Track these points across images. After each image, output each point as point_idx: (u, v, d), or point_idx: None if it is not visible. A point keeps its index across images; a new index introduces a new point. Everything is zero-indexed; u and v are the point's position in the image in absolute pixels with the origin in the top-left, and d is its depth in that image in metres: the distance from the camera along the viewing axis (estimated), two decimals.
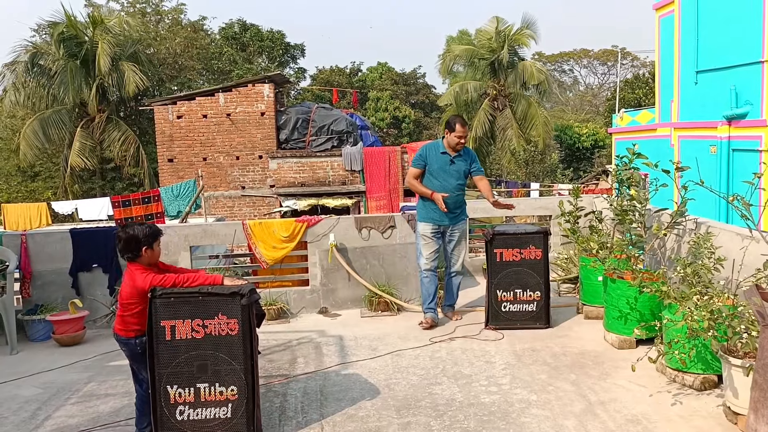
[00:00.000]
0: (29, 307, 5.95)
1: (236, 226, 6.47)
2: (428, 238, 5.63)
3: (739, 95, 11.71)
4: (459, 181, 5.62)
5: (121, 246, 3.49)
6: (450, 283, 5.87)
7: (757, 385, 2.90)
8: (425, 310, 5.71)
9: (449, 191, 5.50)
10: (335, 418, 3.83)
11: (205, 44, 30.68)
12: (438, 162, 5.59)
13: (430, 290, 5.68)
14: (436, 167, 5.58)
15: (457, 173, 5.60)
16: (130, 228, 3.51)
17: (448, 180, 5.56)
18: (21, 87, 20.33)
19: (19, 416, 4.07)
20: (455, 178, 5.59)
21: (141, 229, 3.50)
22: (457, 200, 5.61)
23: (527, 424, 3.66)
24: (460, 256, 5.76)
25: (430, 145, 5.78)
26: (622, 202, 5.49)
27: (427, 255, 5.64)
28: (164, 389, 3.46)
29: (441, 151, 5.61)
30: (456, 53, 26.60)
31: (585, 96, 45.52)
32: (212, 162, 16.97)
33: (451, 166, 5.57)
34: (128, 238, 3.47)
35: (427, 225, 5.64)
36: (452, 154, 5.59)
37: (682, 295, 4.03)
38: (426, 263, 5.65)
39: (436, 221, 5.60)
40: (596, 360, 4.62)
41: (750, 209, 3.79)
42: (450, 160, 5.57)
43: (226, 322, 3.45)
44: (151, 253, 3.52)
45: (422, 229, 5.66)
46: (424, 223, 5.66)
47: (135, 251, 3.48)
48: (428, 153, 5.67)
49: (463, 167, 5.63)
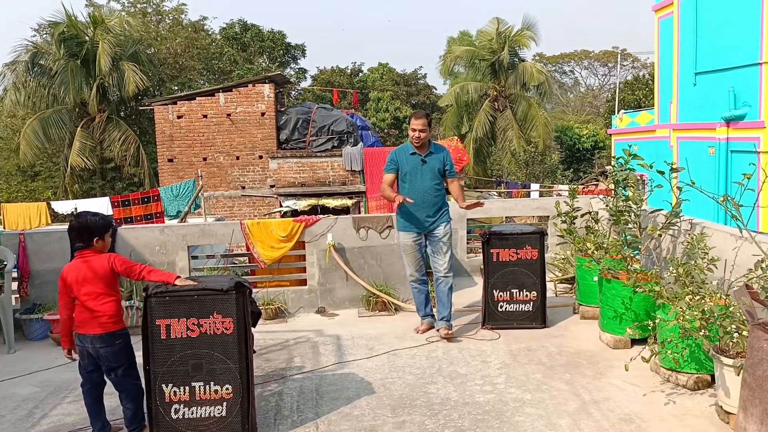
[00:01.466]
0: (27, 306, 5.97)
1: (234, 226, 6.49)
2: (410, 247, 5.37)
3: (738, 97, 11.74)
4: (435, 182, 5.30)
5: (74, 234, 3.55)
6: (439, 292, 5.42)
7: (747, 384, 2.92)
8: (421, 316, 5.60)
9: (426, 192, 5.24)
10: (330, 416, 3.85)
11: (205, 44, 30.75)
12: (410, 164, 5.30)
13: (421, 299, 5.55)
14: (408, 169, 5.30)
15: (431, 173, 5.29)
16: (83, 217, 3.57)
17: (423, 182, 5.27)
18: (21, 87, 20.39)
19: (16, 414, 4.10)
20: (430, 178, 5.28)
21: (93, 220, 3.57)
22: (436, 202, 5.30)
23: (521, 422, 3.68)
24: (445, 259, 5.35)
25: (399, 148, 5.51)
26: (617, 203, 5.52)
27: (413, 265, 5.42)
28: (159, 388, 3.48)
29: (411, 152, 5.33)
30: (457, 54, 26.67)
31: (585, 97, 45.54)
32: (212, 162, 17.01)
33: (424, 165, 5.28)
34: (80, 227, 3.54)
35: (407, 234, 5.37)
36: (422, 152, 5.30)
37: (675, 295, 4.05)
38: (413, 274, 5.45)
39: (416, 229, 5.33)
40: (591, 360, 4.64)
41: (740, 210, 3.81)
42: (421, 160, 5.28)
43: (222, 321, 3.47)
44: (102, 244, 3.60)
45: (403, 239, 5.40)
46: (404, 233, 5.39)
47: (87, 241, 3.55)
48: (399, 156, 5.38)
49: (437, 165, 5.31)
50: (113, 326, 3.51)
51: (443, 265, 5.34)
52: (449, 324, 5.35)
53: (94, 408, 3.62)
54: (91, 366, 3.57)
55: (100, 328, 3.48)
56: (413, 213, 5.26)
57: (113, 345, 3.51)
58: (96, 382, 3.61)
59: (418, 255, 5.39)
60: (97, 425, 3.62)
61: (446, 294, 5.40)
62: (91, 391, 3.61)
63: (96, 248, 3.57)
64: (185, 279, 3.53)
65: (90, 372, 3.58)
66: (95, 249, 3.57)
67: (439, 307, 5.42)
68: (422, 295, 5.53)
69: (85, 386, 3.62)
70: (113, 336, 3.51)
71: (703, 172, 11.47)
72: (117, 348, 3.52)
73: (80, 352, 3.58)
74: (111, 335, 3.50)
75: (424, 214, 5.26)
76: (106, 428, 3.64)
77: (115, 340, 3.52)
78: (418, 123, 5.22)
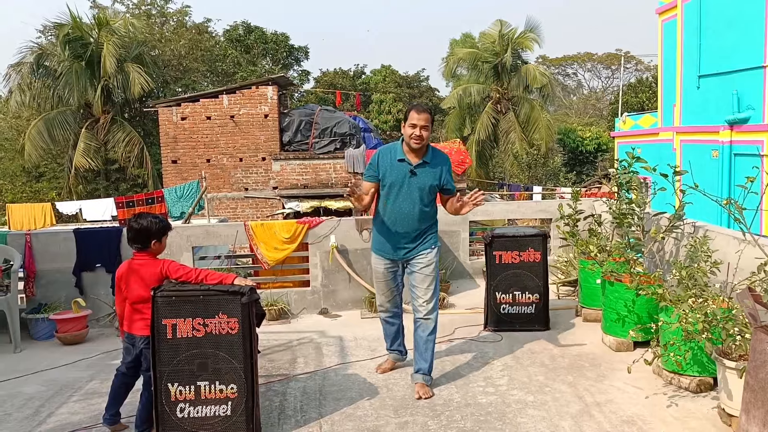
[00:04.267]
0: (33, 306, 6.01)
1: (238, 227, 6.52)
2: (381, 275, 4.22)
3: (741, 100, 11.75)
4: (424, 202, 4.04)
5: (132, 236, 3.67)
6: (417, 338, 4.17)
7: (749, 387, 2.94)
8: (387, 349, 4.62)
9: (408, 216, 4.02)
10: (333, 417, 3.87)
11: (209, 46, 30.81)
12: (394, 173, 4.02)
13: (390, 332, 4.48)
14: (392, 181, 4.01)
15: (421, 191, 4.01)
16: (144, 219, 3.69)
17: (408, 202, 4.00)
18: (26, 88, 20.50)
19: (23, 413, 4.13)
20: (418, 197, 4.01)
21: (153, 222, 3.69)
22: (419, 227, 4.08)
23: (523, 424, 3.70)
24: (427, 296, 4.09)
25: (384, 149, 4.18)
26: (620, 206, 5.54)
27: (384, 295, 4.29)
28: (165, 387, 3.51)
29: (398, 158, 4.04)
30: (459, 56, 26.71)
31: (588, 100, 45.53)
32: (216, 163, 17.05)
33: (413, 179, 4.00)
34: (140, 229, 3.65)
35: (379, 260, 4.21)
36: (413, 160, 4.02)
37: (678, 298, 4.07)
38: (383, 304, 4.34)
39: (388, 255, 4.16)
40: (593, 362, 4.66)
41: (743, 213, 3.82)
42: (411, 171, 4.00)
43: (227, 321, 3.50)
44: (159, 246, 3.72)
45: (375, 263, 4.26)
46: (376, 256, 4.23)
47: (144, 243, 3.66)
48: (382, 160, 4.08)
49: (430, 181, 4.03)
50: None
51: (423, 304, 4.10)
52: (428, 378, 4.15)
53: (117, 392, 3.74)
54: (132, 362, 3.70)
55: (148, 330, 3.55)
56: (389, 235, 4.11)
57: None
58: (131, 373, 3.74)
59: (392, 285, 4.26)
60: (112, 410, 3.73)
61: (425, 341, 4.13)
62: (123, 377, 3.74)
63: (152, 250, 3.69)
64: (242, 279, 3.63)
65: (131, 367, 3.72)
66: (152, 251, 3.69)
67: (415, 355, 4.21)
68: (393, 328, 4.47)
69: (119, 371, 3.75)
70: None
71: (706, 175, 11.49)
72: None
73: (125, 347, 3.71)
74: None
75: (402, 240, 4.10)
76: (117, 417, 3.75)
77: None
78: (421, 118, 3.93)
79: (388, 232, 4.11)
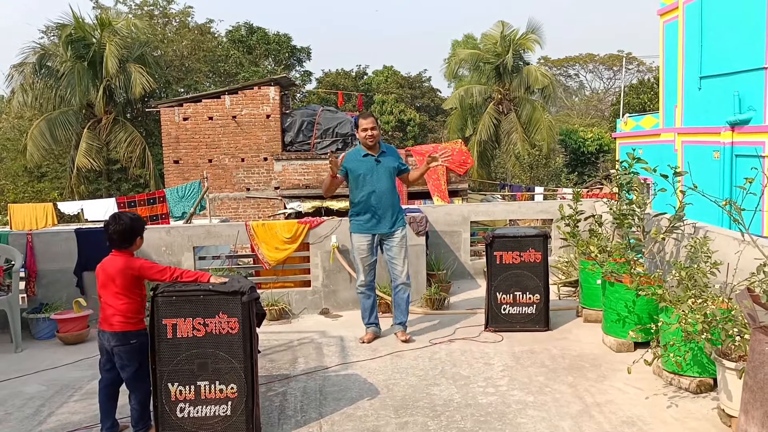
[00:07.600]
0: (34, 305, 6.03)
1: (239, 227, 6.53)
2: (365, 251, 5.25)
3: (743, 101, 11.74)
4: (391, 182, 5.26)
5: (118, 237, 3.60)
6: (398, 299, 5.35)
7: (748, 387, 2.94)
8: (366, 324, 5.44)
9: (383, 193, 5.18)
10: (334, 417, 3.88)
11: (211, 47, 30.88)
12: (363, 166, 5.20)
13: (367, 305, 5.40)
14: (363, 171, 5.18)
15: (387, 172, 5.23)
16: (125, 217, 3.66)
17: (380, 181, 5.19)
18: (29, 88, 20.55)
19: (24, 412, 4.14)
20: (386, 178, 5.22)
21: (135, 219, 3.70)
22: (393, 203, 5.25)
23: (523, 424, 3.70)
24: (403, 266, 5.27)
25: (349, 153, 5.37)
26: (621, 207, 5.54)
27: (365, 271, 5.29)
28: (165, 386, 3.52)
29: (363, 155, 5.24)
30: (461, 57, 26.72)
31: (590, 101, 45.50)
32: (217, 164, 17.08)
33: (379, 165, 5.20)
34: (125, 229, 3.60)
35: (362, 237, 5.25)
36: (374, 153, 5.23)
37: (678, 299, 4.07)
38: (363, 280, 5.32)
39: (370, 230, 5.23)
40: (594, 363, 4.66)
41: (742, 214, 3.83)
42: (375, 160, 5.21)
43: (227, 321, 3.50)
44: (140, 241, 3.72)
45: (357, 241, 5.28)
46: (358, 235, 5.27)
47: (131, 241, 3.65)
48: (349, 162, 5.27)
49: (391, 164, 5.26)
50: (129, 326, 3.55)
51: (403, 271, 5.27)
52: (406, 327, 5.37)
53: (105, 406, 3.66)
54: (108, 364, 3.63)
55: (116, 326, 3.53)
56: (371, 215, 5.20)
57: (127, 344, 3.55)
58: (112, 380, 3.65)
59: (371, 260, 5.29)
60: (107, 423, 3.66)
61: (405, 301, 5.34)
62: (106, 389, 3.66)
63: (135, 247, 3.69)
64: (217, 277, 3.62)
65: (107, 370, 3.64)
66: (134, 249, 3.68)
67: (396, 312, 5.38)
68: (369, 301, 5.40)
69: (101, 383, 3.68)
70: (128, 335, 3.55)
71: (707, 176, 11.48)
72: (130, 348, 3.55)
73: (99, 347, 3.66)
74: (125, 334, 3.54)
75: (383, 215, 5.20)
76: (115, 427, 3.68)
77: (130, 339, 3.55)
78: (367, 122, 5.16)
79: (373, 210, 5.18)
